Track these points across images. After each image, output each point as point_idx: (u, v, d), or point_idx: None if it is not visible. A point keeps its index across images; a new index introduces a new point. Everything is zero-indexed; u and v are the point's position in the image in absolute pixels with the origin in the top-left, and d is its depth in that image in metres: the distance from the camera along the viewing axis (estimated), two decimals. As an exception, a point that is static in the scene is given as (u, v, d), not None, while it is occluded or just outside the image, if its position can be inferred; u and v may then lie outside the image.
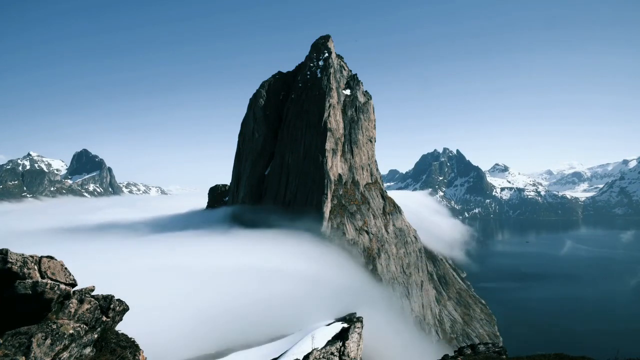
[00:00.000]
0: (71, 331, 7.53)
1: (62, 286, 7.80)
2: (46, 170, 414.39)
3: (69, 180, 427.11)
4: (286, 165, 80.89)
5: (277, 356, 26.24)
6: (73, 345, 7.49)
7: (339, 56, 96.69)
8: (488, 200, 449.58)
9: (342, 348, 15.18)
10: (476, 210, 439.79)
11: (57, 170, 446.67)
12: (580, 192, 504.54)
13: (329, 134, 76.90)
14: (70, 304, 7.93)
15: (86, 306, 8.20)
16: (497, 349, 18.27)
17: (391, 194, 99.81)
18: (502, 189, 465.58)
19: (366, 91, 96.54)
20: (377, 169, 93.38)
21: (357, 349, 15.83)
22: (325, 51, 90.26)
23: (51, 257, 8.01)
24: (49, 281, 7.54)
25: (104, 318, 8.66)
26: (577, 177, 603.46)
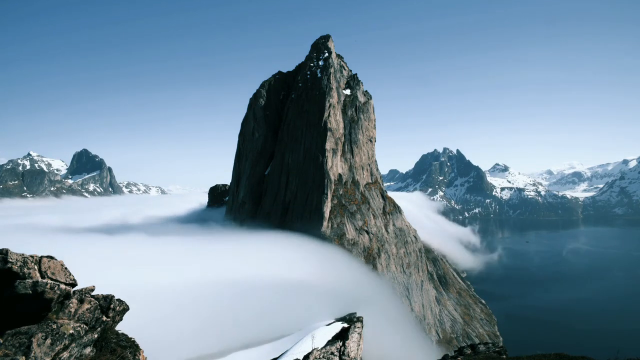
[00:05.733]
0: (71, 331, 7.53)
1: (62, 286, 7.79)
2: (46, 170, 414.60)
3: (69, 180, 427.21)
4: (286, 165, 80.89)
5: (277, 356, 26.24)
6: (73, 345, 7.49)
7: (339, 56, 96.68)
8: (488, 200, 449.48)
9: (342, 348, 15.18)
10: (476, 210, 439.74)
11: (57, 170, 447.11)
12: (580, 192, 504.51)
13: (329, 133, 76.89)
14: (71, 304, 7.93)
15: (86, 306, 8.20)
16: (497, 349, 18.26)
17: (391, 194, 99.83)
18: (502, 189, 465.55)
19: (366, 91, 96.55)
20: (377, 169, 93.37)
21: (357, 349, 15.84)
22: (325, 51, 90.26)
23: (51, 257, 8.01)
24: (49, 281, 7.54)
25: (104, 318, 8.66)
26: (577, 177, 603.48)
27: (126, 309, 9.48)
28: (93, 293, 8.70)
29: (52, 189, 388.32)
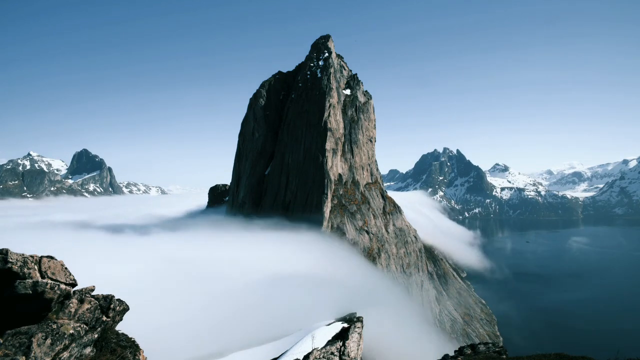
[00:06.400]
0: (71, 331, 7.53)
1: (62, 286, 7.79)
2: (46, 170, 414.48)
3: (69, 180, 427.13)
4: (286, 165, 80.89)
5: (277, 356, 26.23)
6: (73, 345, 7.49)
7: (339, 56, 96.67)
8: (488, 200, 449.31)
9: (343, 348, 15.18)
10: (476, 210, 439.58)
11: (57, 170, 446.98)
12: (580, 192, 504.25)
13: (329, 133, 76.90)
14: (71, 304, 7.93)
15: (86, 306, 8.20)
16: (497, 349, 18.25)
17: (391, 194, 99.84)
18: (502, 189, 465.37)
19: (366, 91, 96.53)
20: (377, 169, 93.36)
21: (357, 349, 15.84)
22: (326, 51, 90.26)
23: (51, 257, 8.01)
24: (49, 281, 7.54)
25: (104, 318, 8.65)
26: (577, 177, 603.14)
27: (126, 309, 9.48)
28: (93, 293, 8.70)
29: (52, 189, 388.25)
